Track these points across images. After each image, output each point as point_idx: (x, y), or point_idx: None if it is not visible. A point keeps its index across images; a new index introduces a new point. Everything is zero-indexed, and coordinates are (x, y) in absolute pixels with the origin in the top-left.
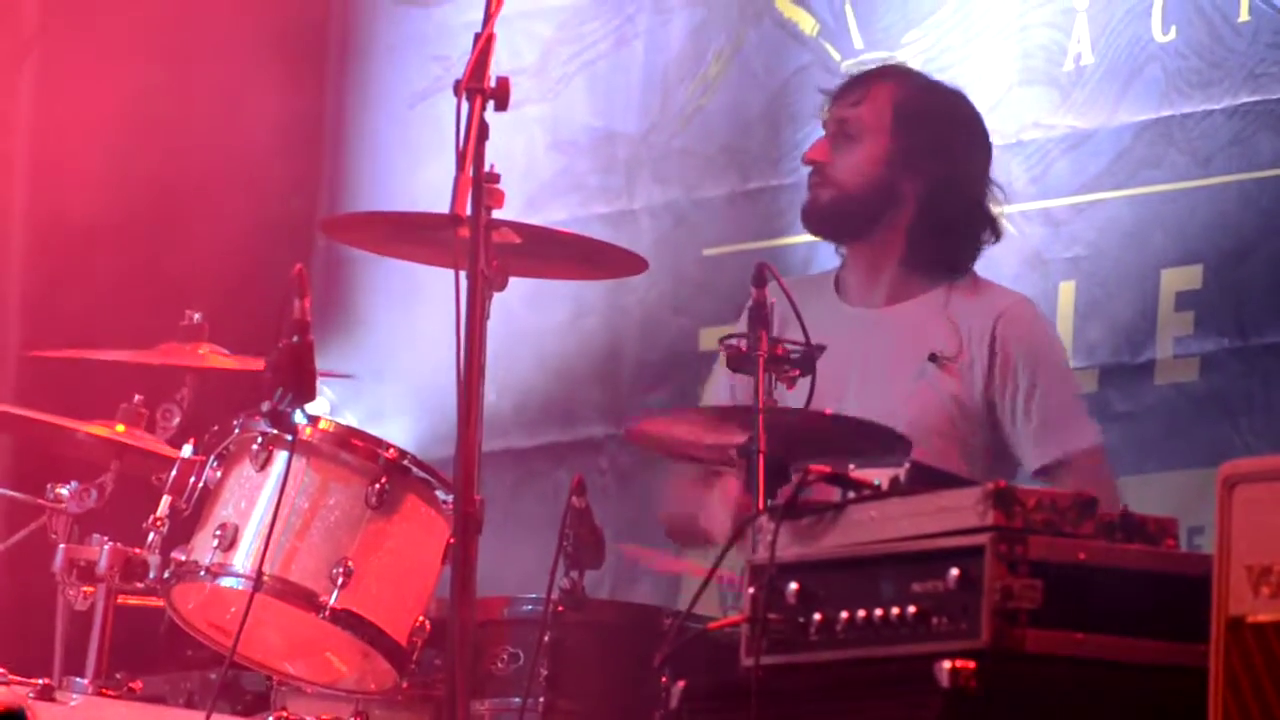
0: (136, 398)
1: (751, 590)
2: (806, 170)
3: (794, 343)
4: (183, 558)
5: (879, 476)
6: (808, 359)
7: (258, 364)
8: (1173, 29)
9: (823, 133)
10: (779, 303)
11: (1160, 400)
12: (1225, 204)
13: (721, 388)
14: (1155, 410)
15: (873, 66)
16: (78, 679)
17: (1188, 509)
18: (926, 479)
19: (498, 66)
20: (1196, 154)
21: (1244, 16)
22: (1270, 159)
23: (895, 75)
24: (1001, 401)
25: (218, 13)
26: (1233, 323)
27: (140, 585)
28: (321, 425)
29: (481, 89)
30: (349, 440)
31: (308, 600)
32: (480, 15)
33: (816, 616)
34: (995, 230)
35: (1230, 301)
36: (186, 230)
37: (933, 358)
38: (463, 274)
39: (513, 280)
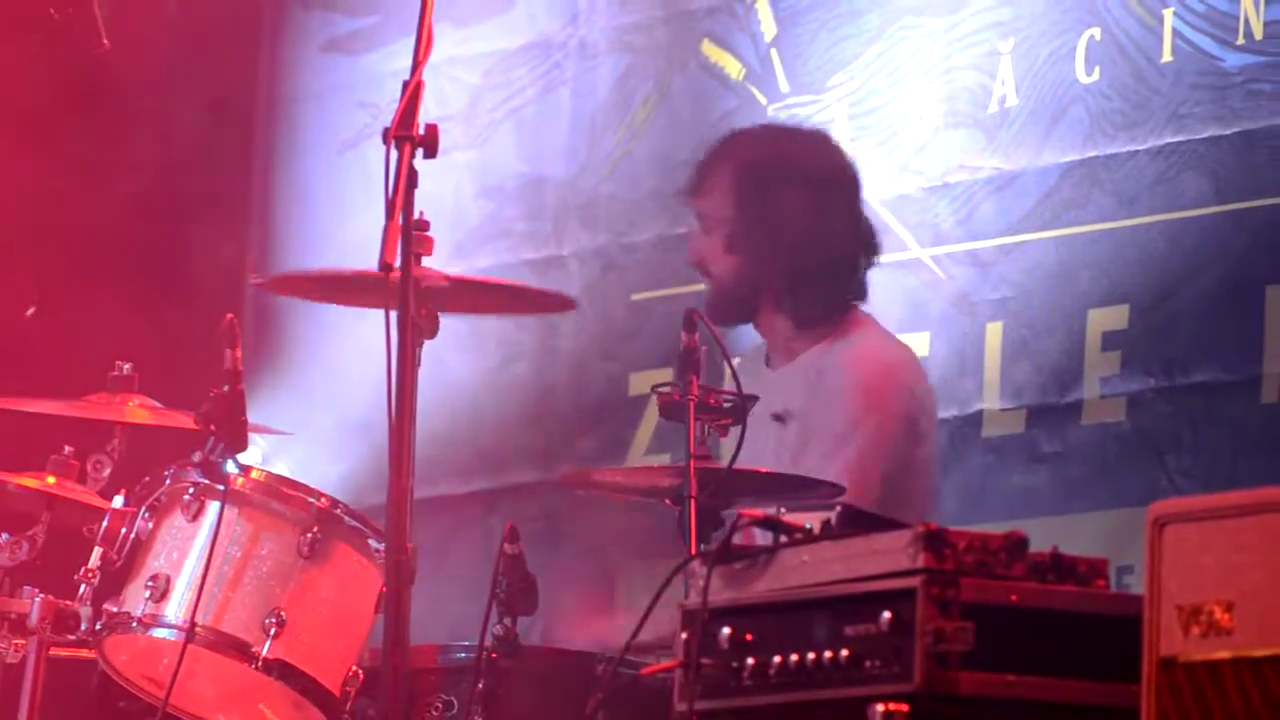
0: (67, 449)
1: (685, 635)
2: None
3: (726, 393)
4: (115, 609)
5: (810, 520)
6: (739, 408)
7: (187, 420)
8: (1096, 70)
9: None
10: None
11: (1088, 440)
12: (1151, 244)
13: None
14: (1083, 450)
15: (721, 142)
16: None
17: (1116, 549)
18: (858, 522)
19: (425, 114)
20: (1121, 194)
21: (1166, 57)
22: (1194, 199)
23: (736, 148)
24: (805, 453)
25: (146, 65)
26: (1159, 362)
27: (72, 637)
28: (253, 475)
29: (410, 136)
30: (281, 490)
31: (240, 651)
32: (407, 63)
33: (750, 661)
34: (869, 258)
35: (1157, 341)
36: (117, 279)
37: (776, 417)
38: (393, 322)
39: (443, 328)
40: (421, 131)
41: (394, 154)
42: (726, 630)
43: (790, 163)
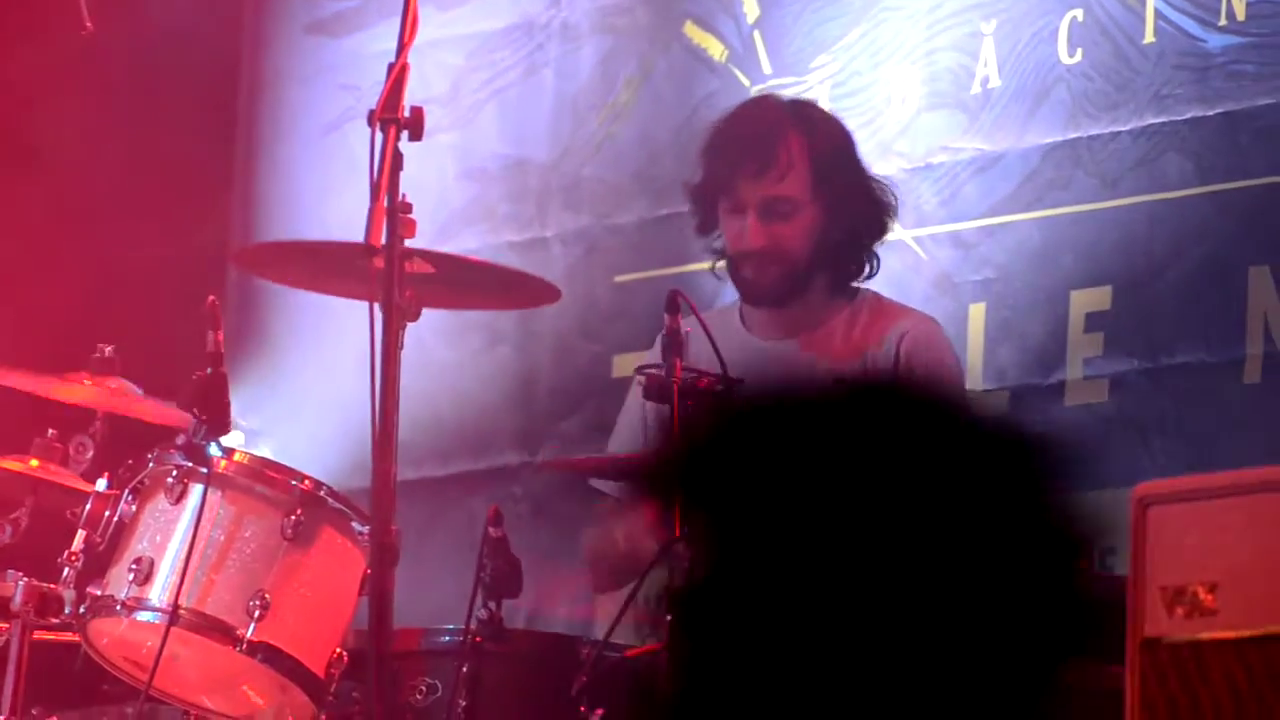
0: (50, 432)
1: (670, 617)
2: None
3: (711, 374)
4: (98, 592)
5: None
6: (724, 392)
7: (170, 408)
8: (1079, 51)
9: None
10: (693, 330)
11: (1070, 421)
12: (1133, 225)
13: (634, 417)
14: (1066, 431)
15: (765, 106)
16: None
17: (1099, 530)
18: None
19: (409, 96)
20: (1104, 176)
21: (1149, 38)
22: (1178, 180)
23: (795, 123)
24: None
25: (128, 44)
26: (1142, 343)
27: (55, 621)
28: (236, 457)
29: (396, 119)
30: (264, 472)
31: (224, 633)
32: (390, 45)
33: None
34: (889, 215)
35: (1139, 322)
36: (97, 261)
37: (839, 383)
38: (377, 304)
39: (425, 309)
40: (407, 114)
41: (379, 136)
42: None
43: (837, 131)
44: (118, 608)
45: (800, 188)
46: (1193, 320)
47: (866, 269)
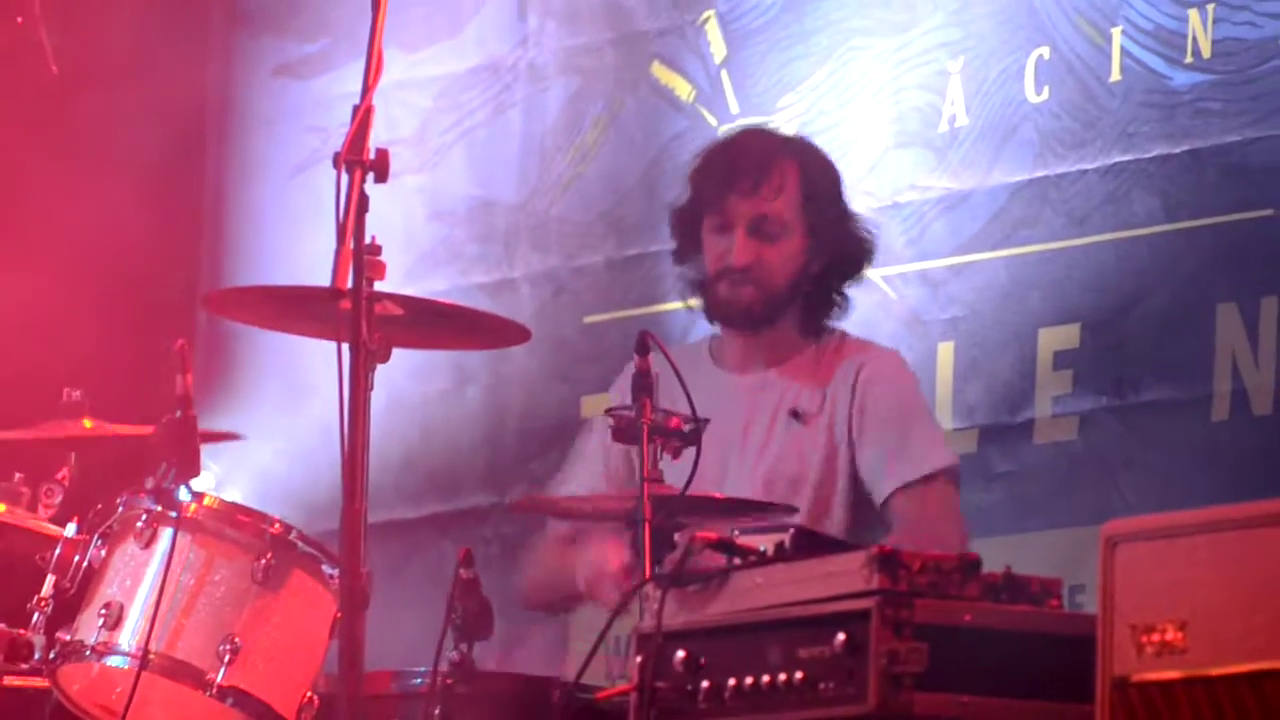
0: (17, 476)
1: (639, 658)
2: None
3: (680, 415)
4: (68, 637)
5: (764, 542)
6: (694, 431)
7: (140, 432)
8: (1046, 89)
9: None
10: (662, 371)
11: (1040, 460)
12: (1101, 263)
13: (594, 458)
14: (1035, 470)
15: (761, 133)
16: None
17: (1069, 568)
18: (811, 544)
19: (376, 138)
20: (1072, 213)
21: (1115, 76)
22: (1144, 217)
23: (789, 149)
24: (859, 442)
25: (96, 88)
26: (1111, 381)
27: (25, 666)
28: (206, 501)
29: (361, 161)
30: (234, 516)
31: (195, 678)
32: (357, 87)
33: (704, 684)
34: (868, 254)
35: (1108, 360)
36: (66, 307)
37: (794, 414)
38: (345, 347)
39: (395, 351)
40: (372, 156)
41: (344, 179)
42: (681, 653)
43: (826, 163)
44: (88, 653)
45: (791, 210)
46: (1161, 358)
47: (837, 308)
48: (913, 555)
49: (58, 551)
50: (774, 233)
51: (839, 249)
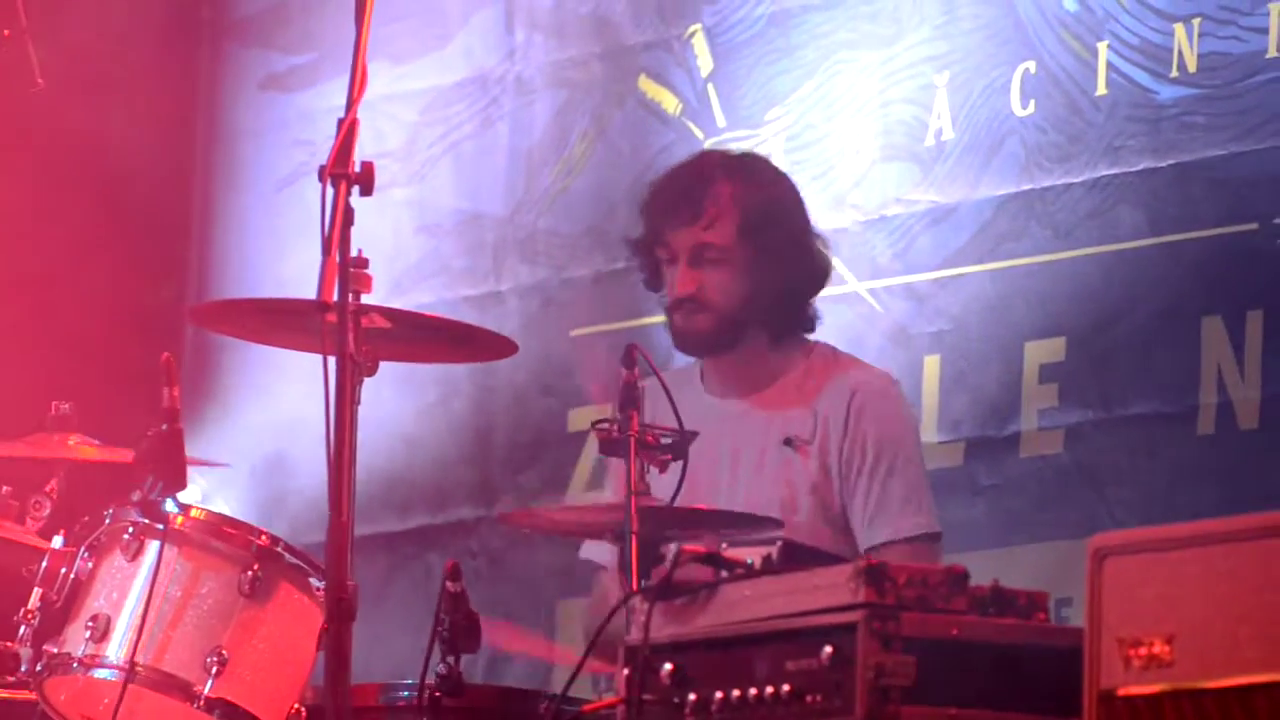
0: (5, 489)
1: (626, 671)
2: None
3: (666, 429)
4: (55, 650)
5: (751, 555)
6: (680, 444)
7: (126, 455)
8: (1031, 103)
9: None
10: (649, 384)
11: (1026, 473)
12: (1087, 276)
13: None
14: (1021, 483)
15: (703, 158)
16: None
17: (1055, 581)
18: (798, 557)
19: (362, 151)
20: (1058, 227)
21: (1101, 90)
22: (1130, 231)
23: (726, 173)
24: (847, 480)
25: (82, 102)
26: (1097, 394)
27: (12, 679)
28: (193, 514)
29: (346, 174)
30: (221, 528)
31: (182, 690)
32: (344, 100)
33: (691, 696)
34: (825, 272)
35: (1094, 373)
36: (54, 319)
37: (788, 442)
38: (332, 359)
39: (381, 364)
40: (357, 169)
41: (330, 192)
42: (668, 666)
43: (771, 182)
44: (74, 665)
45: (727, 236)
46: (1147, 371)
47: (807, 322)
48: (900, 568)
49: (45, 564)
50: (715, 259)
51: (796, 267)
